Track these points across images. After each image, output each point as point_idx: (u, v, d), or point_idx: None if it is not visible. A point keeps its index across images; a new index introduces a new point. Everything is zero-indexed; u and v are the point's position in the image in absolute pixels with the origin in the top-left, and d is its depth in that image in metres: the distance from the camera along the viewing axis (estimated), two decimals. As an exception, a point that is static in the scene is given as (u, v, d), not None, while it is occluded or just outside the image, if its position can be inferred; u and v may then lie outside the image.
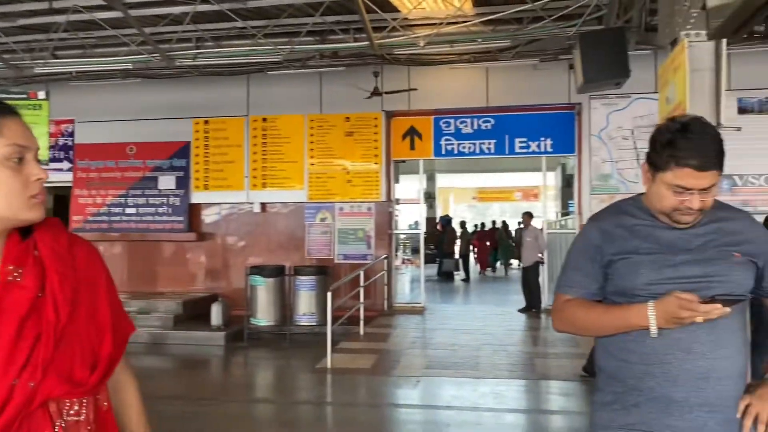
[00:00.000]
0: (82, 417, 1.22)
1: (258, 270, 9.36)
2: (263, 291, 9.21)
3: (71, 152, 11.20)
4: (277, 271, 9.42)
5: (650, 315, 1.73)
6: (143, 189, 10.96)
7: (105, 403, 1.29)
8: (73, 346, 1.21)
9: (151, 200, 10.92)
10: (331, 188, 10.64)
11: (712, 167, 1.72)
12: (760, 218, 9.01)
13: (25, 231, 1.26)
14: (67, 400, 1.19)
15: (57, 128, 11.00)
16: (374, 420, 5.65)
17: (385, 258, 10.50)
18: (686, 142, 1.72)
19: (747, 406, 1.77)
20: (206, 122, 10.88)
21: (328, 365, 7.19)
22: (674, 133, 1.75)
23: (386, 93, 10.03)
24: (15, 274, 1.19)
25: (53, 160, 10.75)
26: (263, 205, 10.84)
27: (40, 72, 9.40)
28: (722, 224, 1.85)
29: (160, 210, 10.87)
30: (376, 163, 10.53)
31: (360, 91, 9.97)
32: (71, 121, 11.16)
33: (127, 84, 10.59)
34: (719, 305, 1.64)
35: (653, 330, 1.74)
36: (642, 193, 1.94)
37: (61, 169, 11.14)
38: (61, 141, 11.18)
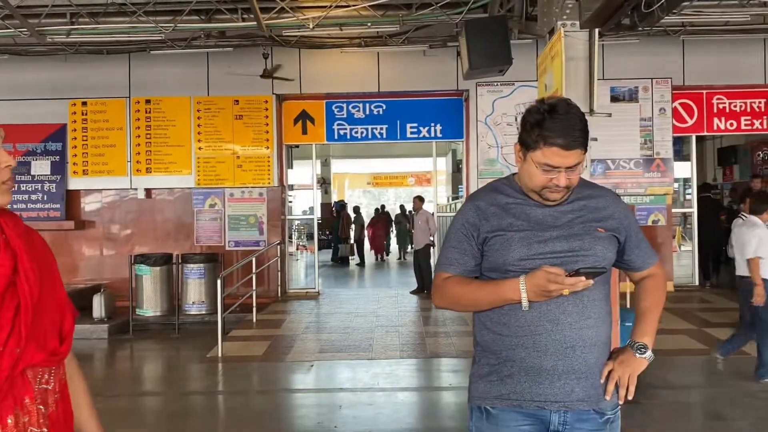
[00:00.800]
0: (51, 386, 1.36)
1: (143, 259, 8.96)
2: (149, 280, 8.83)
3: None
4: (164, 260, 9.06)
5: (521, 289, 1.81)
6: (14, 175, 10.15)
7: (64, 377, 1.42)
8: (44, 320, 1.33)
9: (24, 186, 10.16)
10: (221, 173, 10.35)
11: (577, 146, 1.82)
12: (629, 200, 9.71)
13: None
14: (40, 368, 1.33)
15: None
16: (267, 406, 5.59)
17: (279, 244, 10.38)
18: (553, 123, 1.80)
19: (609, 372, 1.90)
20: (84, 104, 10.23)
21: (219, 354, 7.03)
22: (542, 113, 1.83)
23: (275, 78, 9.86)
24: None
25: None
26: (148, 191, 10.38)
27: None
28: (587, 201, 1.97)
29: (33, 197, 10.15)
30: (267, 148, 10.35)
31: (249, 75, 9.73)
32: (-73, 101, 10.15)
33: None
34: (583, 278, 1.75)
35: (524, 303, 1.82)
36: (515, 173, 2.03)
37: None
38: None
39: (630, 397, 1.90)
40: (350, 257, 17.65)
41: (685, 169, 12.05)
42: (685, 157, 11.69)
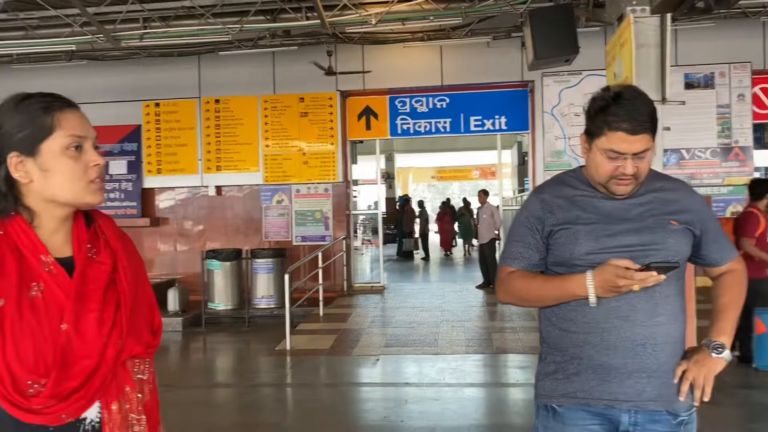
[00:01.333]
0: (146, 376, 1.44)
1: (214, 254, 9.24)
2: (220, 275, 9.11)
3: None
4: (234, 255, 9.32)
5: (588, 284, 1.76)
6: (104, 174, 10.67)
7: (153, 369, 1.49)
8: (138, 314, 1.41)
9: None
10: (287, 170, 10.54)
11: (644, 131, 1.75)
12: (705, 191, 9.30)
13: (87, 219, 1.45)
14: (137, 360, 1.41)
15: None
16: (334, 399, 5.67)
17: (344, 239, 10.49)
18: (618, 108, 1.75)
19: (684, 372, 1.83)
20: (157, 105, 10.63)
21: (288, 347, 7.18)
22: (607, 100, 1.78)
23: (340, 73, 9.95)
24: (92, 252, 1.39)
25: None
26: (218, 188, 10.69)
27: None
28: (659, 194, 1.89)
29: (112, 196, 10.61)
30: (332, 144, 10.46)
31: (314, 72, 9.85)
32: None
33: (73, 66, 10.23)
34: (654, 272, 1.68)
35: (592, 299, 1.77)
36: (583, 166, 1.97)
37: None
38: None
39: (706, 399, 1.82)
40: (414, 251, 17.65)
41: (766, 158, 11.43)
42: (766, 145, 11.09)
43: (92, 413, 1.32)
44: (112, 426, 1.34)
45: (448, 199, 21.56)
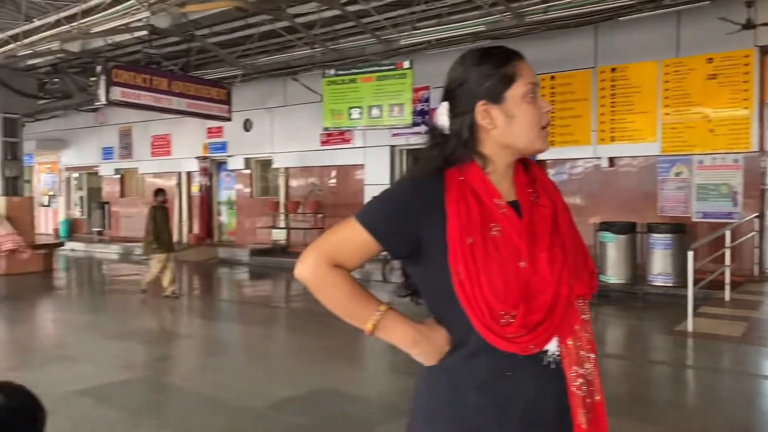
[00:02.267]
0: (588, 317, 1.47)
1: (608, 226, 9.07)
2: (613, 248, 8.91)
3: (427, 117, 12.26)
4: (628, 228, 9.00)
5: None
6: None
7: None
8: (577, 256, 1.44)
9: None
10: (689, 139, 9.68)
11: None
12: None
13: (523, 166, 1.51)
14: (581, 300, 1.44)
15: (415, 95, 12.13)
16: (742, 389, 5.07)
17: (757, 217, 9.20)
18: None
19: None
20: (552, 78, 10.82)
21: (689, 329, 6.65)
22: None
23: (762, 25, 8.65)
24: (534, 196, 1.46)
25: (412, 124, 11.89)
26: (611, 159, 10.42)
27: (404, 44, 10.46)
28: None
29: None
30: (745, 108, 9.22)
31: (725, 28, 8.77)
32: (427, 88, 12.18)
33: (477, 47, 11.09)
34: None
35: None
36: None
37: (419, 133, 12.30)
38: (418, 107, 12.30)
39: None
40: None
41: None
42: None
43: (552, 347, 1.38)
44: (570, 360, 1.39)
45: None
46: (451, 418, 1.38)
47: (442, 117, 1.46)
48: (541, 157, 10.82)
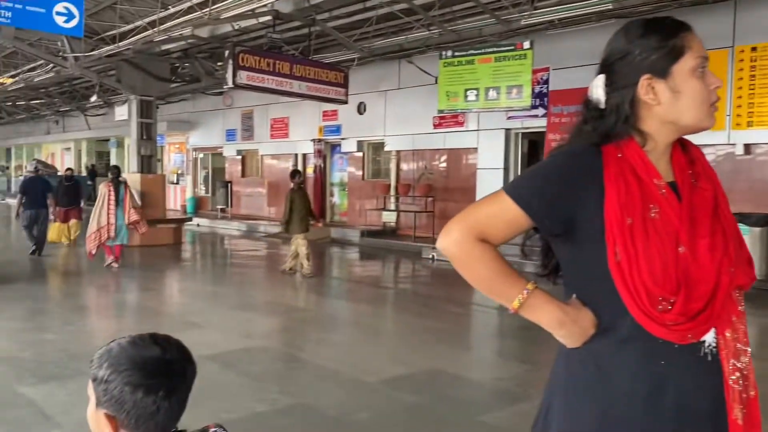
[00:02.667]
0: (743, 308, 1.38)
1: (742, 218, 8.41)
2: (747, 241, 8.26)
3: (545, 99, 11.89)
4: (765, 220, 8.33)
5: None
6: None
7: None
8: (735, 244, 1.35)
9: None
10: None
11: None
12: None
13: (681, 146, 1.43)
14: (738, 291, 1.36)
15: (534, 77, 11.79)
16: None
17: None
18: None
19: None
20: (683, 58, 10.14)
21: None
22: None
23: None
24: (693, 178, 1.38)
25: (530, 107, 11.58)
26: (747, 146, 9.66)
27: (524, 24, 10.18)
28: None
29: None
30: None
31: None
32: (546, 69, 11.81)
33: (602, 27, 10.58)
34: None
35: None
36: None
37: (536, 116, 11.97)
38: (536, 89, 11.94)
39: None
40: None
41: None
42: None
43: (709, 338, 1.31)
44: (728, 352, 1.32)
45: None
46: (597, 403, 1.33)
47: (598, 90, 1.39)
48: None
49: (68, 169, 13.87)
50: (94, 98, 16.53)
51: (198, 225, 18.22)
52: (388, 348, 5.84)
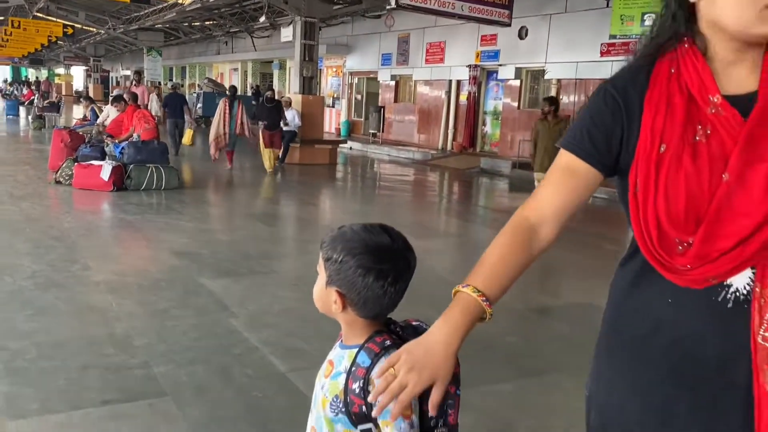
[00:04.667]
0: None
1: None
2: None
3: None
4: None
5: None
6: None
7: None
8: None
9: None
10: None
11: None
12: None
13: None
14: None
15: None
16: None
17: None
18: None
19: None
20: None
21: None
22: None
23: None
24: None
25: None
26: None
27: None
28: None
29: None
30: None
31: None
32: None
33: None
34: None
35: None
36: None
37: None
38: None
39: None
40: None
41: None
42: None
43: (740, 281, 1.10)
44: (763, 303, 1.08)
45: None
46: (603, 340, 1.28)
47: None
48: None
49: (270, 88, 14.99)
50: (262, 19, 17.27)
51: (351, 148, 18.81)
52: (535, 279, 5.80)
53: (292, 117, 13.45)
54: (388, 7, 11.16)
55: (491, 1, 11.91)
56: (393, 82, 20.20)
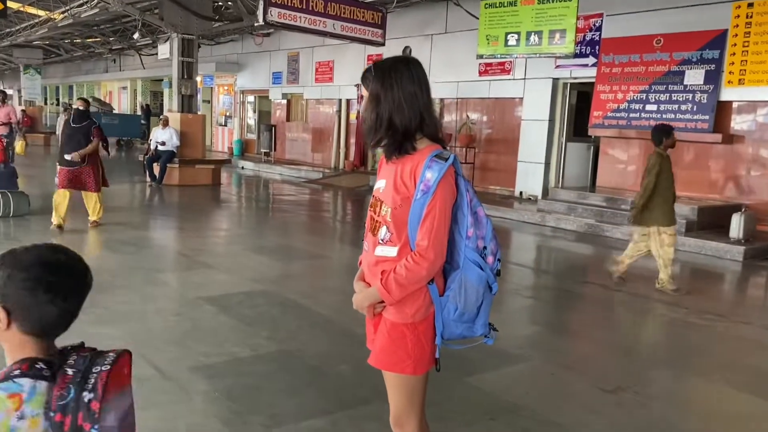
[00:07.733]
0: None
1: None
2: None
3: (597, 47, 11.16)
4: None
5: None
6: (667, 84, 10.19)
7: None
8: None
9: (675, 96, 10.10)
10: None
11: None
12: None
13: None
14: None
15: (586, 23, 11.07)
16: None
17: None
18: None
19: None
20: (750, 5, 9.27)
21: None
22: None
23: None
24: None
25: (578, 55, 10.88)
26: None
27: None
28: None
29: (683, 107, 9.99)
30: None
31: None
32: (600, 15, 11.05)
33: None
34: None
35: None
36: None
37: (585, 65, 11.27)
38: (588, 36, 11.21)
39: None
40: None
41: None
42: None
43: None
44: None
45: None
46: None
47: None
48: (726, 98, 9.50)
49: (82, 98, 9.07)
50: (136, 35, 16.55)
51: (242, 168, 18.28)
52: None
53: (169, 136, 12.88)
54: (255, 23, 10.91)
55: (364, 21, 11.88)
56: (285, 101, 19.89)
